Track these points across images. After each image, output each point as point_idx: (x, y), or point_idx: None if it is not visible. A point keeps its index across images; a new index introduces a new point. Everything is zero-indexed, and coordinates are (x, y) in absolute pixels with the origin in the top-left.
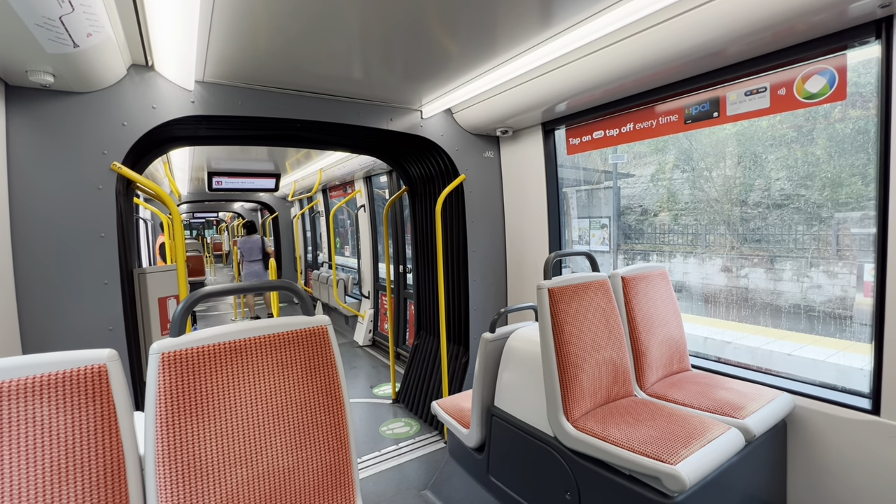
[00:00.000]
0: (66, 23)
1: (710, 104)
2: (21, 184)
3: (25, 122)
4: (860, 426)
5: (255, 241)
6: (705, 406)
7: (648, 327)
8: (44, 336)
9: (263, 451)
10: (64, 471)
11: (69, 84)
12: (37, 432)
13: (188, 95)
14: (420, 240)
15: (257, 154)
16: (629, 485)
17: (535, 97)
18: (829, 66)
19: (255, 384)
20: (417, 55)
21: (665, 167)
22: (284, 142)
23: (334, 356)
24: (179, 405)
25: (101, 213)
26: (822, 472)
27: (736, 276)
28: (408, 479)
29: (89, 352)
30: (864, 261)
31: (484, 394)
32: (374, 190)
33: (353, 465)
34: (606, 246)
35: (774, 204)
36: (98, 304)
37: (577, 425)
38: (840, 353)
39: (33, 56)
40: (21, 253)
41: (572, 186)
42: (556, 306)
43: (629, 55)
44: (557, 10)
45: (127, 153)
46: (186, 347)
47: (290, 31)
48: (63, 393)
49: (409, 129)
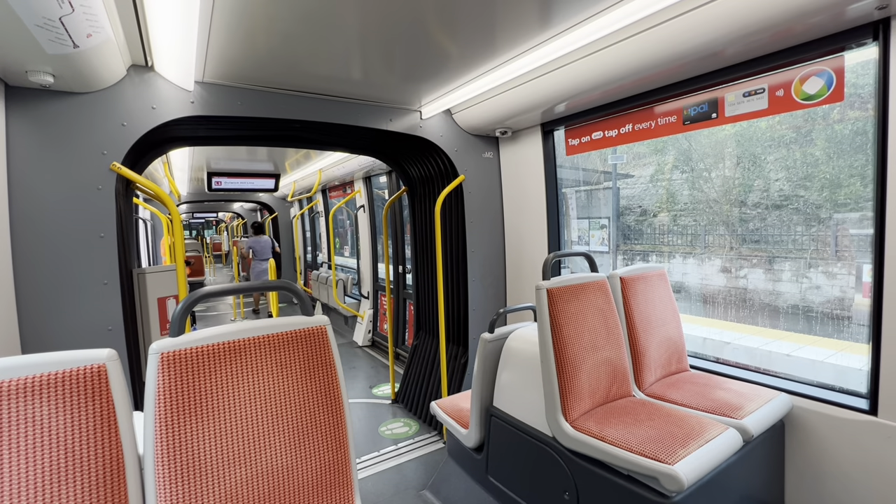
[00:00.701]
0: (66, 23)
1: (708, 105)
2: (21, 184)
3: (25, 122)
4: (858, 426)
5: (265, 241)
6: (703, 406)
7: (647, 328)
8: (43, 336)
9: (262, 450)
10: (63, 470)
11: (69, 84)
12: (36, 432)
13: (188, 96)
14: (419, 240)
15: (257, 154)
16: (627, 485)
17: (535, 98)
18: (827, 67)
19: (255, 384)
20: (417, 56)
21: (664, 168)
22: (284, 142)
23: (333, 356)
24: (179, 405)
25: (100, 213)
26: (819, 472)
27: (735, 276)
28: (407, 480)
29: (89, 352)
30: (863, 261)
31: (483, 394)
32: (373, 190)
33: (351, 465)
34: (606, 246)
35: (773, 205)
36: (97, 304)
37: (576, 425)
38: (838, 353)
39: (33, 56)
40: (21, 253)
41: (572, 187)
42: (555, 307)
43: (628, 56)
44: (557, 11)
45: (126, 153)
46: (186, 347)
47: (290, 31)
48: (62, 393)
49: (409, 130)
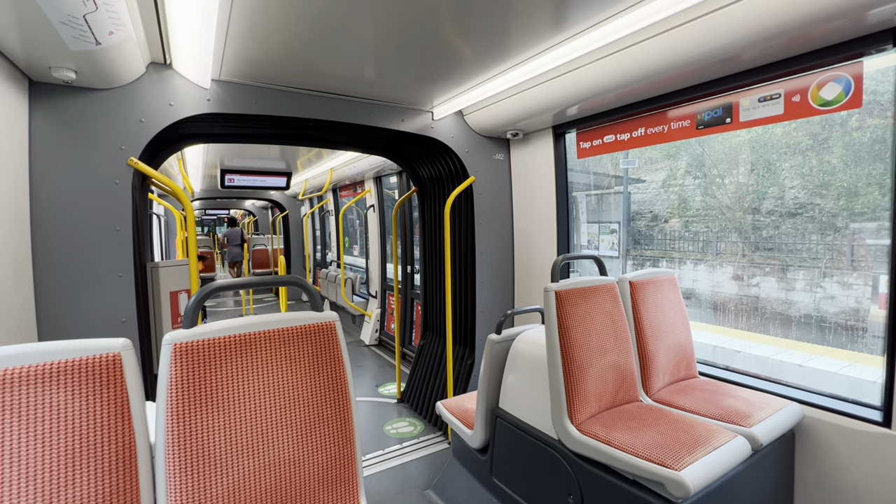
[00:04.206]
0: (89, 21)
1: (722, 110)
2: (42, 177)
3: (47, 116)
4: (871, 438)
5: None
6: (711, 413)
7: (656, 333)
8: (59, 325)
9: (270, 442)
10: (77, 456)
11: (90, 80)
12: (52, 417)
13: (204, 93)
14: (428, 240)
15: (269, 152)
16: (633, 490)
17: (547, 100)
18: (845, 73)
19: (264, 377)
20: (430, 57)
21: (677, 173)
22: (297, 141)
23: (341, 352)
24: (190, 395)
25: (117, 207)
26: (830, 483)
27: (747, 284)
28: (411, 479)
29: (104, 340)
30: (880, 272)
31: (489, 395)
32: (383, 190)
33: (357, 460)
34: (616, 251)
35: (788, 212)
36: (112, 295)
37: (582, 429)
38: (853, 364)
39: (57, 53)
40: (40, 244)
41: (582, 191)
42: (563, 309)
43: (642, 59)
44: (570, 13)
45: (143, 149)
46: (198, 339)
47: (306, 32)
48: (78, 379)
49: (420, 131)
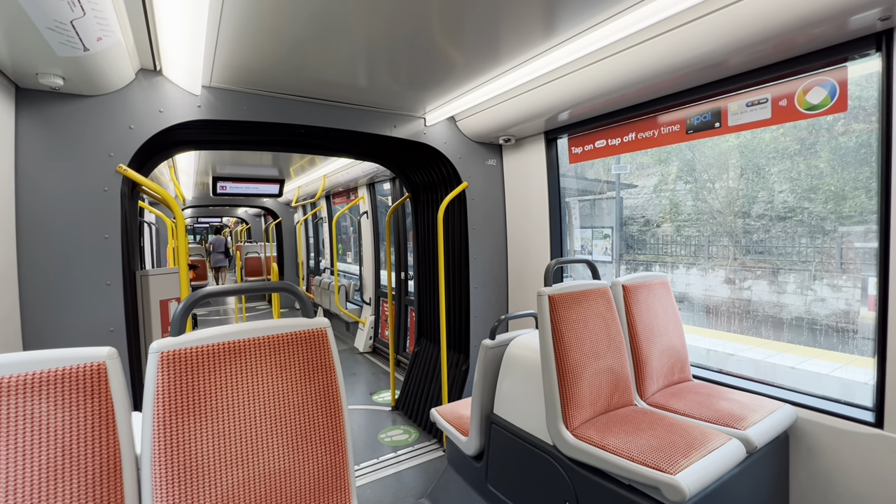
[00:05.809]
0: (77, 27)
1: (711, 115)
2: (28, 184)
3: (34, 123)
4: (864, 439)
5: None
6: (706, 416)
7: (649, 336)
8: (45, 335)
9: (260, 452)
10: (60, 468)
11: (78, 87)
12: (34, 428)
13: (195, 100)
14: (422, 247)
15: (262, 159)
16: (628, 494)
17: (538, 106)
18: (830, 77)
19: (254, 385)
20: (422, 63)
21: (668, 178)
22: (289, 147)
23: (333, 359)
24: (177, 404)
25: (105, 214)
26: (824, 484)
27: (739, 287)
28: (406, 487)
29: (89, 349)
30: (869, 274)
31: (483, 401)
32: (376, 197)
33: (349, 469)
34: (609, 256)
35: (777, 216)
36: (100, 304)
37: (577, 434)
38: (844, 366)
39: (44, 59)
40: (25, 252)
41: (575, 196)
42: (557, 313)
43: (631, 65)
44: (561, 20)
45: (133, 156)
46: (186, 347)
47: (297, 38)
48: (62, 390)
49: (413, 137)
